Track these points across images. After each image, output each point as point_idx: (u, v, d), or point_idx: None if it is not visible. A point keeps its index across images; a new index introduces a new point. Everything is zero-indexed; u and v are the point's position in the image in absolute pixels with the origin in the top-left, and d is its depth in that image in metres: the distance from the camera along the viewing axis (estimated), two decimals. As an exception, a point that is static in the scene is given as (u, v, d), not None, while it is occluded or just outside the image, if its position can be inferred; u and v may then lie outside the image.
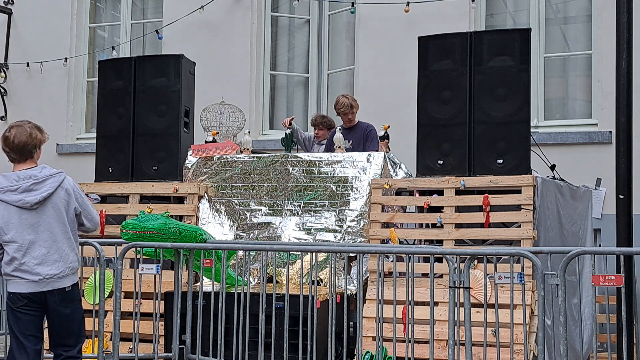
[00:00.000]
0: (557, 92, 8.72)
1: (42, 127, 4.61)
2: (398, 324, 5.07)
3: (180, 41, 9.46)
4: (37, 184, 4.44)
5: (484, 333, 4.78)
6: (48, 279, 4.42)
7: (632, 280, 5.47)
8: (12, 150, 4.48)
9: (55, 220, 4.49)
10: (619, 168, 5.71)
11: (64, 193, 4.53)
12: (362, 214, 6.31)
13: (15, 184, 4.42)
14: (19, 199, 4.40)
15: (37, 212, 4.44)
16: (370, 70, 8.96)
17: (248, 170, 6.74)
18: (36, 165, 4.53)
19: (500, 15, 8.97)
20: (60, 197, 4.51)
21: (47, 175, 4.49)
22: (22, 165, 4.50)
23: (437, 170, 6.12)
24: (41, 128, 4.59)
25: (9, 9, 10.66)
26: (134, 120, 7.01)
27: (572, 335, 5.45)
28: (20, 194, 4.40)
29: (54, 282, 4.45)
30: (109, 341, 5.73)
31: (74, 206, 4.58)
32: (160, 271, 5.49)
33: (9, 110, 10.61)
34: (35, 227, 4.43)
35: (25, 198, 4.40)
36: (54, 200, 4.49)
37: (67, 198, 4.54)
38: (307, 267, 5.82)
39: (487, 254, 4.88)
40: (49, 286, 4.43)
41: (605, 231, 7.76)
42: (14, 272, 4.41)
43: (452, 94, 6.12)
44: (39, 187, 4.44)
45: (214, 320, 5.43)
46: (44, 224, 4.45)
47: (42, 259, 4.42)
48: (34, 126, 4.55)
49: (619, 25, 5.75)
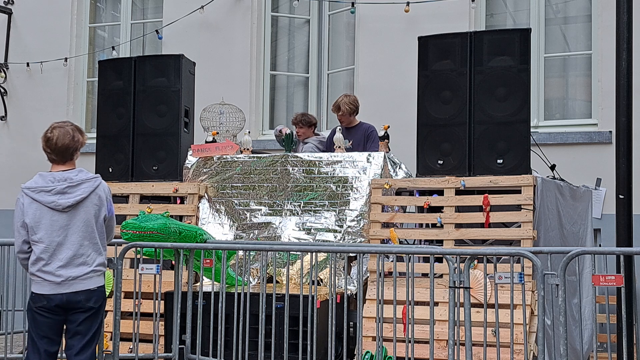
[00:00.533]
0: (557, 92, 8.71)
1: (82, 129, 4.63)
2: (398, 324, 5.07)
3: (180, 41, 9.45)
4: (72, 187, 4.44)
5: (484, 333, 4.78)
6: (70, 280, 4.39)
7: (632, 280, 5.47)
8: (54, 152, 4.49)
9: (85, 224, 4.47)
10: (619, 168, 5.71)
11: (97, 199, 4.52)
12: (362, 214, 6.31)
13: (50, 185, 4.42)
14: (51, 200, 4.40)
15: (68, 214, 4.43)
16: (370, 70, 8.96)
17: (248, 170, 6.74)
18: (74, 168, 4.53)
19: (500, 15, 8.97)
20: (93, 202, 4.50)
21: (83, 180, 4.49)
22: (60, 166, 4.51)
23: (437, 170, 6.12)
24: (82, 130, 4.61)
25: (9, 9, 10.66)
26: (134, 120, 7.01)
27: (572, 335, 5.45)
28: (54, 196, 4.40)
29: (77, 283, 4.42)
30: (109, 341, 5.73)
31: (104, 213, 4.57)
32: (160, 271, 5.49)
33: (9, 110, 10.60)
34: (65, 229, 4.42)
35: (58, 200, 4.40)
36: (86, 205, 4.48)
37: (99, 204, 4.53)
38: (307, 267, 5.82)
39: (487, 254, 4.88)
40: (72, 288, 4.40)
41: (605, 231, 7.76)
42: (38, 273, 4.39)
43: (452, 94, 6.12)
44: (73, 191, 4.44)
45: (214, 320, 5.43)
46: (73, 227, 4.44)
47: (67, 261, 4.40)
48: (76, 128, 4.56)
49: (619, 25, 5.75)
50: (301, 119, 7.78)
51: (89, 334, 4.47)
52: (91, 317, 4.48)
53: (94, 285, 4.49)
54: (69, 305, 4.41)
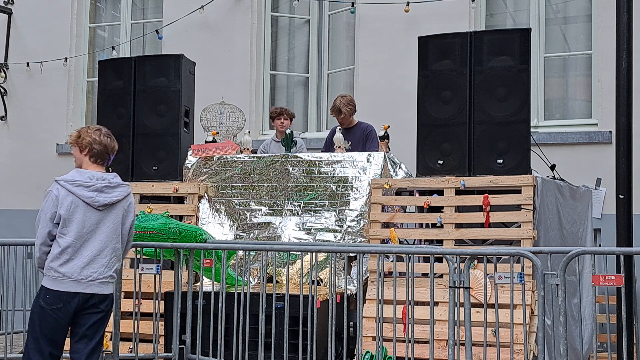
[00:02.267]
0: (557, 92, 8.71)
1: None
2: (398, 324, 5.08)
3: (180, 41, 9.45)
4: (110, 188, 4.49)
5: (484, 333, 4.78)
6: (90, 280, 4.39)
7: (632, 280, 5.47)
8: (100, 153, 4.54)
9: (113, 227, 4.51)
10: (619, 168, 5.71)
11: (127, 205, 4.59)
12: (362, 214, 6.31)
13: (89, 182, 4.45)
14: (90, 196, 4.42)
15: (101, 213, 4.46)
16: (370, 70, 8.96)
17: (248, 170, 6.75)
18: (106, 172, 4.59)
19: (500, 15, 8.97)
20: (124, 207, 4.57)
21: (119, 183, 4.55)
22: (97, 167, 4.56)
23: (437, 170, 6.12)
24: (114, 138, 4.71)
25: (9, 9, 10.65)
26: (134, 120, 7.01)
27: (572, 335, 5.45)
28: (93, 192, 4.43)
29: (95, 285, 4.42)
30: (109, 341, 5.72)
31: (131, 219, 4.64)
32: (160, 271, 5.50)
33: (9, 110, 10.60)
34: (95, 228, 4.44)
35: (96, 197, 4.43)
36: (118, 208, 4.53)
37: (127, 210, 4.60)
38: (307, 267, 5.82)
39: (487, 254, 4.88)
40: (89, 289, 4.39)
41: (605, 231, 7.75)
42: (60, 268, 4.35)
43: (452, 94, 6.12)
44: (110, 191, 4.49)
45: (214, 320, 5.43)
46: (102, 227, 4.46)
47: (89, 260, 4.40)
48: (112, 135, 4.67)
49: (619, 25, 5.75)
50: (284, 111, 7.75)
51: (96, 338, 4.45)
52: (100, 320, 4.47)
53: (108, 291, 4.51)
54: (83, 306, 4.38)
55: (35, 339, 4.35)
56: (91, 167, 4.54)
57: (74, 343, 4.43)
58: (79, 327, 4.42)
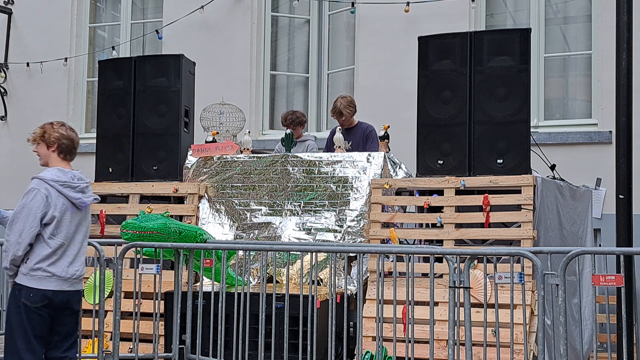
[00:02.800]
0: (557, 92, 8.71)
1: None
2: (398, 324, 5.07)
3: (180, 41, 9.45)
4: (87, 187, 4.54)
5: (484, 333, 4.78)
6: (74, 279, 4.48)
7: (632, 280, 5.47)
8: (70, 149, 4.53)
9: (86, 226, 4.60)
10: (619, 168, 5.71)
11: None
12: (362, 214, 6.31)
13: (74, 182, 4.46)
14: (78, 197, 4.45)
15: (80, 213, 4.51)
16: (370, 70, 8.96)
17: (248, 170, 6.74)
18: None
19: (500, 15, 8.97)
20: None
21: (87, 182, 4.58)
22: (65, 164, 4.55)
23: (437, 170, 6.12)
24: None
25: (9, 9, 10.65)
26: (134, 120, 7.01)
27: (572, 335, 5.45)
28: (78, 193, 4.46)
29: (77, 283, 4.53)
30: (109, 341, 5.73)
31: (90, 219, 4.72)
32: (160, 271, 5.50)
33: (9, 110, 10.60)
34: (77, 227, 4.50)
35: (82, 197, 4.47)
36: (89, 207, 4.62)
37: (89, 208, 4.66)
38: (307, 267, 5.82)
39: (487, 254, 4.88)
40: (73, 287, 4.48)
41: (605, 231, 7.75)
42: (50, 267, 4.36)
43: (452, 94, 6.12)
44: (88, 191, 4.54)
45: (214, 320, 5.43)
46: (80, 226, 4.53)
47: (72, 259, 4.47)
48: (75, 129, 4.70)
49: (619, 25, 5.75)
50: (292, 119, 7.71)
51: (75, 333, 4.60)
52: (75, 318, 4.59)
53: (81, 287, 4.62)
54: (66, 304, 4.44)
55: (27, 339, 4.32)
56: (62, 164, 4.51)
57: (56, 341, 4.47)
58: (59, 326, 4.46)
